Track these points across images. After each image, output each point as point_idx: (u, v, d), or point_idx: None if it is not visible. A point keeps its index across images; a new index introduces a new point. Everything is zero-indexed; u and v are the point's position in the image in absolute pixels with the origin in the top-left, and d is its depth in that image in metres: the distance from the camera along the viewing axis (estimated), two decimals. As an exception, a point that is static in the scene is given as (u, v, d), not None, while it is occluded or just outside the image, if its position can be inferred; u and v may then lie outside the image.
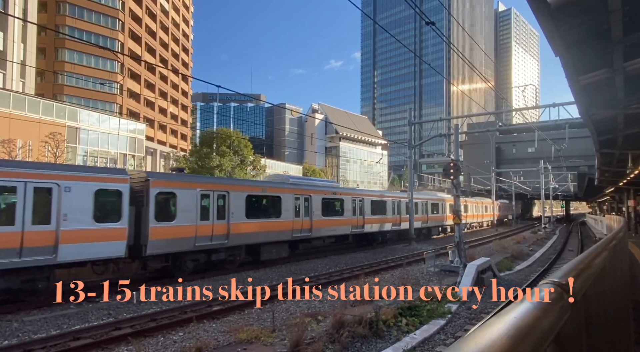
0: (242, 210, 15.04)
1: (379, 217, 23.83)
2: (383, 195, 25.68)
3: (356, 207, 21.86)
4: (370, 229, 22.89)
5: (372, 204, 23.19)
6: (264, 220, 16.33)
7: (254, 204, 16.01)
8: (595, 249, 3.07)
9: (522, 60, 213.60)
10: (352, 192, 22.48)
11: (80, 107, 44.55)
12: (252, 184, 19.08)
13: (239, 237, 14.84)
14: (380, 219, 23.99)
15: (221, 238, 14.17)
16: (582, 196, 68.77)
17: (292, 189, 17.92)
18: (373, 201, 23.30)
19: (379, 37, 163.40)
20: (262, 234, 15.94)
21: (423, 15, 12.83)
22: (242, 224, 14.97)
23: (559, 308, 1.14)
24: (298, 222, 17.76)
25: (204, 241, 13.61)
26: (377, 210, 23.70)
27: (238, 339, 7.37)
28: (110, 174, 12.01)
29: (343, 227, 20.89)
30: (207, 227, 13.78)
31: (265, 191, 16.79)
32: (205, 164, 46.74)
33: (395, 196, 26.49)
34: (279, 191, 17.25)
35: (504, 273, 15.03)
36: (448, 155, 18.83)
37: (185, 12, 77.84)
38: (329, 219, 19.68)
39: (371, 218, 23.07)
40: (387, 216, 24.63)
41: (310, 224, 18.36)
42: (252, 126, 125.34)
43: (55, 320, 8.82)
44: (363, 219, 22.33)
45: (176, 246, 12.85)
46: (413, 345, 7.24)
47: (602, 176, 24.07)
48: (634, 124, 10.17)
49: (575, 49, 5.65)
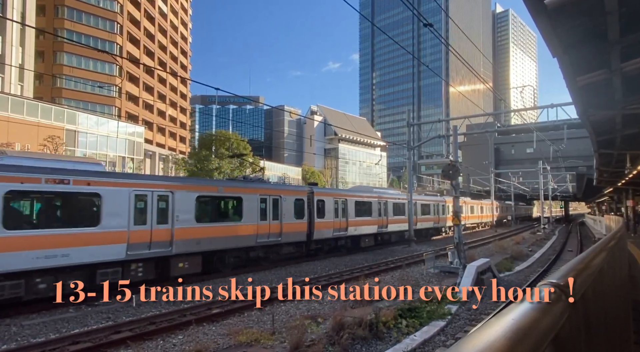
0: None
1: (398, 217, 26.07)
2: (400, 197, 27.64)
3: (381, 208, 24.08)
4: (392, 229, 25.06)
5: (393, 206, 25.59)
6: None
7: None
8: (594, 249, 3.07)
9: (520, 61, 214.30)
10: (379, 195, 24.56)
11: (79, 110, 44.54)
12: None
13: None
14: (400, 220, 26.12)
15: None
16: (581, 197, 68.88)
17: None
18: (394, 204, 25.79)
19: (377, 38, 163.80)
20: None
21: (421, 17, 12.88)
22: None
23: (558, 309, 1.14)
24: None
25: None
26: (397, 212, 25.96)
27: (238, 342, 7.35)
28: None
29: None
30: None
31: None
32: (204, 167, 46.72)
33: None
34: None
35: (503, 274, 15.03)
36: (447, 157, 18.87)
37: (183, 15, 77.96)
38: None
39: (393, 219, 25.40)
40: (404, 217, 26.44)
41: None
42: (251, 128, 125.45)
43: (54, 324, 8.79)
44: (387, 219, 24.58)
45: None
46: (413, 347, 7.23)
47: (601, 176, 24.12)
48: (632, 125, 10.19)
49: (572, 50, 5.67)
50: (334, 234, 20.26)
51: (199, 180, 22.08)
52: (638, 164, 15.88)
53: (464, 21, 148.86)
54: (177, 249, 12.77)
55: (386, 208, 24.69)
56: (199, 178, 31.45)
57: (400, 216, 25.84)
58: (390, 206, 25.12)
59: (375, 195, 24.29)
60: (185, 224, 13.11)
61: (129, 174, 21.65)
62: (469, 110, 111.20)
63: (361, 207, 22.38)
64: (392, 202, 25.38)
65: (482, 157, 66.66)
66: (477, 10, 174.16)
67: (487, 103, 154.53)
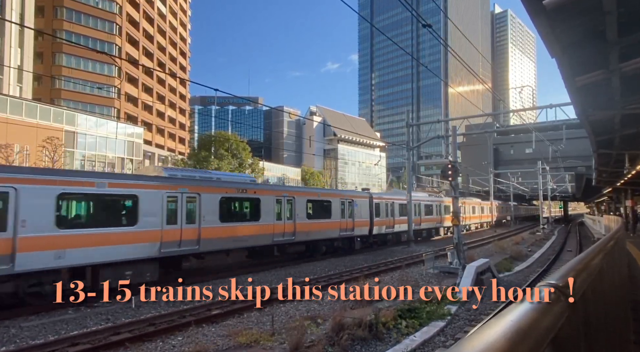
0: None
1: (428, 217, 30.09)
2: (429, 199, 31.02)
3: (416, 210, 26.93)
4: (399, 229, 26.27)
5: (425, 207, 29.30)
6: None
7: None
8: (593, 249, 3.08)
9: (518, 61, 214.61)
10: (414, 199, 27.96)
11: (78, 111, 44.50)
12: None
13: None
14: (430, 219, 29.81)
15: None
16: (580, 197, 68.99)
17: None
18: (425, 205, 28.66)
19: (376, 39, 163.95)
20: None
21: (420, 18, 12.90)
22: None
23: (557, 309, 1.14)
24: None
25: None
26: (427, 212, 29.91)
27: (237, 343, 7.34)
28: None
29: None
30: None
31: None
32: (204, 168, 46.67)
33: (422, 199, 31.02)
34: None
35: (503, 274, 15.03)
36: (446, 157, 18.85)
37: (182, 16, 77.97)
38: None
39: (425, 218, 29.39)
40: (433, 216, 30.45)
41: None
42: (251, 129, 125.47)
43: (53, 325, 8.77)
44: (420, 219, 28.22)
45: None
46: (413, 347, 7.23)
47: (600, 176, 24.15)
48: (631, 125, 10.21)
49: (571, 51, 5.68)
50: (385, 230, 24.66)
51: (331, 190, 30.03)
52: (637, 164, 15.91)
53: (462, 22, 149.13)
54: (298, 237, 17.74)
55: (420, 209, 28.60)
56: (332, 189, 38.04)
57: (430, 215, 30.13)
58: (423, 207, 29.19)
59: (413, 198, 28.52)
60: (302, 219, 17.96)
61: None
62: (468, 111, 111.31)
63: (403, 209, 26.04)
64: (424, 203, 29.48)
65: (481, 158, 66.68)
66: (476, 11, 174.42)
67: (486, 103, 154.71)
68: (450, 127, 19.65)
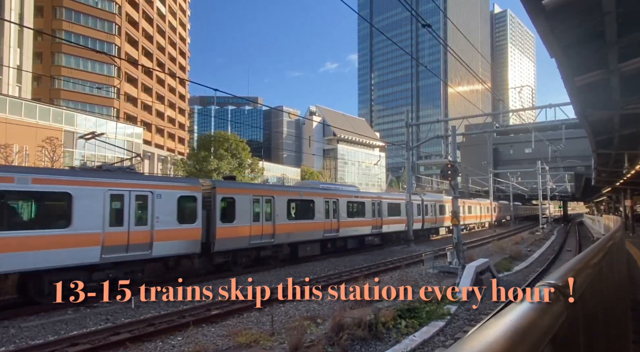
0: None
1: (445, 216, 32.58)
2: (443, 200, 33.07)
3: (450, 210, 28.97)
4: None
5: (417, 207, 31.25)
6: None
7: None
8: (592, 249, 3.08)
9: (518, 61, 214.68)
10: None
11: (77, 111, 44.44)
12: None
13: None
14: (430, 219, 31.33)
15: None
16: (579, 196, 69.01)
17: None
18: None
19: (376, 39, 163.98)
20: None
21: (419, 18, 12.90)
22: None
23: (556, 309, 1.14)
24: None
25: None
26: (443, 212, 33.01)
27: (237, 343, 7.34)
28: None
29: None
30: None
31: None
32: (203, 168, 46.64)
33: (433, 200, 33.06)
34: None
35: (502, 274, 15.04)
36: (446, 157, 18.87)
37: (182, 16, 77.91)
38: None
39: (448, 217, 31.72)
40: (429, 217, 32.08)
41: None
42: (250, 129, 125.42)
43: (52, 326, 8.76)
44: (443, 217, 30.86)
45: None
46: (412, 347, 7.23)
47: (599, 176, 24.18)
48: (630, 124, 10.22)
49: (570, 51, 5.68)
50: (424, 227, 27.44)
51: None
52: (636, 163, 15.92)
53: (462, 22, 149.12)
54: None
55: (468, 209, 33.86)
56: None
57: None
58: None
59: (446, 200, 32.20)
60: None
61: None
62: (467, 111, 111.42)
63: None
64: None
65: (480, 158, 66.71)
66: (476, 11, 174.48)
67: (485, 103, 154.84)
68: (450, 127, 19.67)
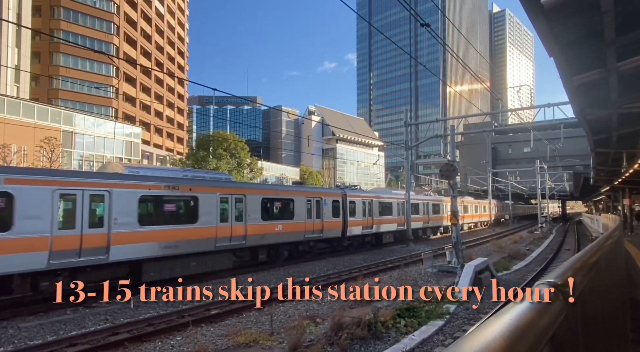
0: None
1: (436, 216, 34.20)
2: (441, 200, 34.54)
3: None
4: (380, 230, 26.99)
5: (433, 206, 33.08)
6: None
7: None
8: (591, 248, 3.08)
9: (516, 61, 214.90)
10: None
11: (76, 111, 44.37)
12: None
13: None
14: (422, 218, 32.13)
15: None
16: (578, 195, 69.14)
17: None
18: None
19: (375, 39, 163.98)
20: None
21: (418, 17, 12.90)
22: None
23: (555, 308, 1.14)
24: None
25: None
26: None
27: (236, 343, 7.33)
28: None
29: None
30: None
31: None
32: (202, 167, 46.57)
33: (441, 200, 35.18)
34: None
35: (501, 273, 15.06)
36: (444, 156, 18.88)
37: (180, 16, 77.80)
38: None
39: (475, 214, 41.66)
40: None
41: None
42: (249, 129, 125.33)
43: (51, 326, 8.74)
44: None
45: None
46: (412, 346, 7.23)
47: (598, 175, 24.23)
48: (629, 123, 10.24)
49: (569, 50, 5.69)
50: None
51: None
52: (634, 162, 15.96)
53: (461, 21, 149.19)
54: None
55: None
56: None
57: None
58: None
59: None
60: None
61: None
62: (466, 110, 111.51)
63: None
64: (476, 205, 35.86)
65: (479, 157, 66.80)
66: (474, 11, 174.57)
67: (484, 103, 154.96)
68: (449, 127, 19.68)
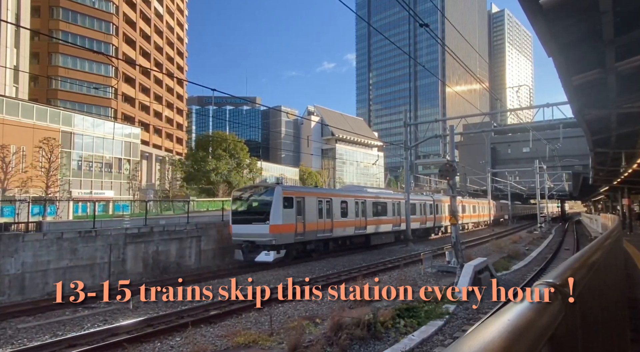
0: None
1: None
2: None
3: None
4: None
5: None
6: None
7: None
8: (590, 248, 3.08)
9: (515, 61, 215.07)
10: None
11: (75, 111, 44.28)
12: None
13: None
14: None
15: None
16: (577, 195, 69.21)
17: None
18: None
19: (374, 39, 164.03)
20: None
21: (417, 17, 12.91)
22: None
23: (554, 308, 1.14)
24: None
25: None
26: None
27: (236, 343, 7.32)
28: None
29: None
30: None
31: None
32: (201, 168, 46.60)
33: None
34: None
35: (501, 273, 15.06)
36: (444, 156, 18.89)
37: (179, 16, 77.74)
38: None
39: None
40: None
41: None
42: (248, 129, 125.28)
43: (50, 327, 8.73)
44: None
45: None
46: (411, 346, 7.23)
47: (597, 175, 24.26)
48: (627, 123, 10.25)
49: (567, 50, 5.69)
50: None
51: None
52: (633, 162, 15.98)
53: (460, 21, 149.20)
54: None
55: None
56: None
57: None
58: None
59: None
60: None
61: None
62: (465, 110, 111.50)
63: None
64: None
65: (478, 157, 66.82)
66: (473, 11, 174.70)
67: (483, 103, 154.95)
68: (448, 127, 19.69)
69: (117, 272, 15.23)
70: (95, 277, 14.69)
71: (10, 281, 12.98)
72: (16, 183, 30.34)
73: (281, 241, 16.80)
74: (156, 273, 16.26)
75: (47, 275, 13.70)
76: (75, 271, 14.28)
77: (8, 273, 12.97)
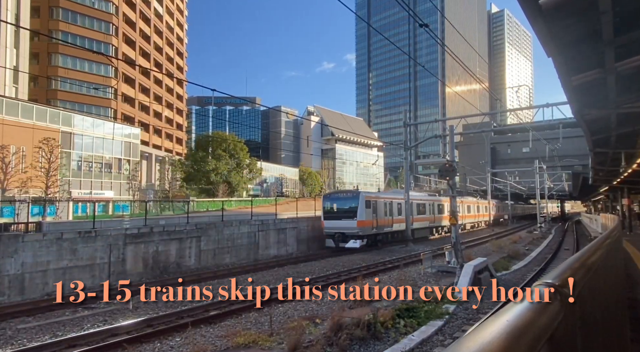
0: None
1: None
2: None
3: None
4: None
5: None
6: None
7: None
8: (590, 247, 3.08)
9: (515, 61, 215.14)
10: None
11: (74, 112, 44.27)
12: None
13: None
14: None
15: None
16: (577, 195, 69.21)
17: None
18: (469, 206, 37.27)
19: (374, 39, 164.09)
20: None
21: (417, 18, 12.91)
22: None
23: (554, 308, 1.14)
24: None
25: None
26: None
27: (235, 344, 7.32)
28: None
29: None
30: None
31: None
32: (201, 168, 46.61)
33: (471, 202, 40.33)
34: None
35: (501, 273, 15.07)
36: (444, 156, 18.88)
37: (179, 16, 77.73)
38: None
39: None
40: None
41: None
42: (248, 129, 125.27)
43: (49, 327, 8.73)
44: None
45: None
46: (411, 347, 7.23)
47: (597, 175, 24.27)
48: (627, 123, 10.26)
49: (567, 50, 5.70)
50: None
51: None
52: (633, 162, 15.98)
53: (459, 22, 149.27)
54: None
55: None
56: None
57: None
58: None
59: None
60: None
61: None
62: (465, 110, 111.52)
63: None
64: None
65: (478, 157, 66.84)
66: (473, 11, 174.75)
67: (483, 103, 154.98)
68: (448, 127, 19.69)
69: (117, 273, 15.23)
70: (95, 278, 14.68)
71: (10, 281, 12.97)
72: (16, 183, 30.34)
73: (364, 232, 22.47)
74: (156, 273, 16.26)
75: (47, 275, 13.69)
76: (75, 271, 14.28)
77: (8, 273, 12.96)
